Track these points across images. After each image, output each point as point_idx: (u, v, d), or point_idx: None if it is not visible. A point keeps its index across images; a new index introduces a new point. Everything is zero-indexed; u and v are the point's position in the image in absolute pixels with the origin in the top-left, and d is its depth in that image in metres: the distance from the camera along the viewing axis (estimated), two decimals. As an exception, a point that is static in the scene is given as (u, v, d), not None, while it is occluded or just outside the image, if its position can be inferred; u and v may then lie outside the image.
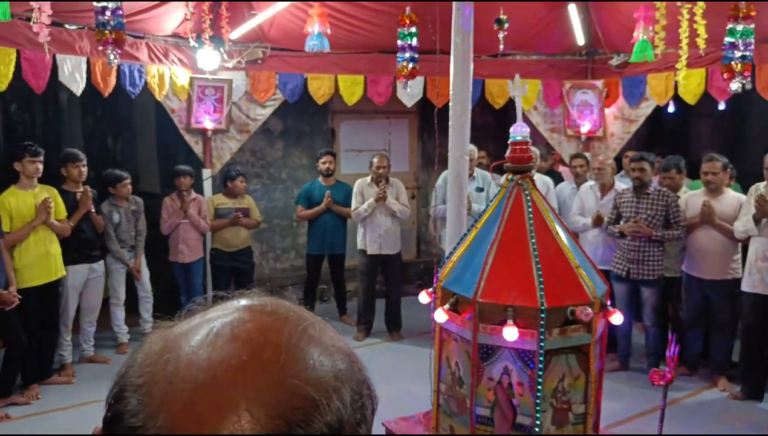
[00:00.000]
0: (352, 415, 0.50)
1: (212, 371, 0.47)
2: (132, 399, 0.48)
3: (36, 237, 4.79)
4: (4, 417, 4.44)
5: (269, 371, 0.48)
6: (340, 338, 0.55)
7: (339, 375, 0.51)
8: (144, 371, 0.50)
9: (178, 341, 0.51)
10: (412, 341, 5.95)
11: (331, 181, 6.33)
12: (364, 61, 6.44)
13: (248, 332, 0.50)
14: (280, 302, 0.55)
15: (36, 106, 9.70)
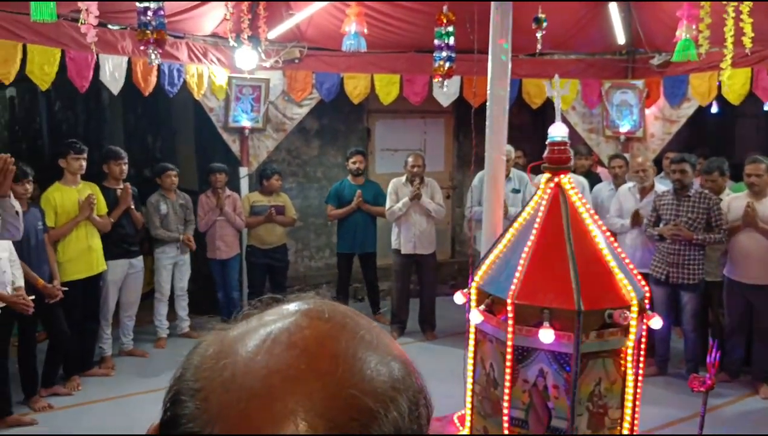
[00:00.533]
0: (408, 426, 0.49)
1: (269, 379, 0.47)
2: (189, 404, 0.48)
3: (78, 232, 4.91)
4: (47, 407, 4.57)
5: (326, 382, 0.47)
6: (396, 344, 0.54)
7: (396, 385, 0.50)
8: (201, 375, 0.50)
9: (234, 345, 0.51)
10: (446, 341, 5.93)
11: (360, 181, 6.36)
12: (401, 61, 6.44)
13: (305, 340, 0.50)
14: (336, 307, 0.54)
15: (79, 105, 9.96)
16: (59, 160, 4.98)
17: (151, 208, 5.66)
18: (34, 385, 4.60)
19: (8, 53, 4.47)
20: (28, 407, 4.50)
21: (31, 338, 4.65)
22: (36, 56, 4.60)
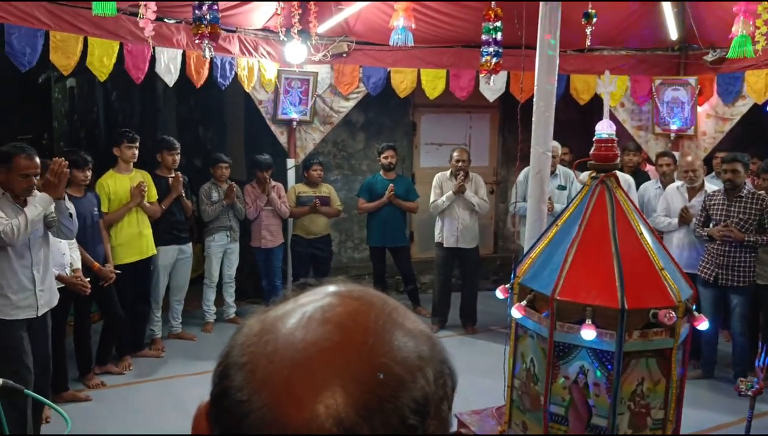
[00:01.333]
0: (435, 392, 0.53)
1: (307, 351, 0.52)
2: (237, 376, 0.53)
3: (130, 218, 5.10)
4: (100, 384, 4.77)
5: (359, 352, 0.52)
6: (420, 321, 0.59)
7: (422, 355, 0.54)
8: (246, 351, 0.54)
9: (275, 324, 0.55)
10: (487, 335, 5.95)
11: (392, 175, 6.40)
12: (447, 55, 6.45)
13: (339, 316, 0.54)
14: (365, 289, 0.59)
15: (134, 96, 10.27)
16: (113, 149, 5.17)
17: (203, 195, 5.83)
18: (88, 363, 4.81)
19: (70, 46, 4.66)
20: (83, 384, 4.72)
21: (86, 318, 4.86)
22: (96, 49, 4.79)
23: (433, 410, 0.53)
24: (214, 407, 0.55)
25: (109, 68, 4.91)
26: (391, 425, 0.50)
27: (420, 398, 0.52)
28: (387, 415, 0.50)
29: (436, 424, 0.53)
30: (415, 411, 0.51)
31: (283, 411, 0.49)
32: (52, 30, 4.57)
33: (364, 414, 0.49)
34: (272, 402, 0.50)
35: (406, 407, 0.51)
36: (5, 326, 3.42)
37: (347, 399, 0.49)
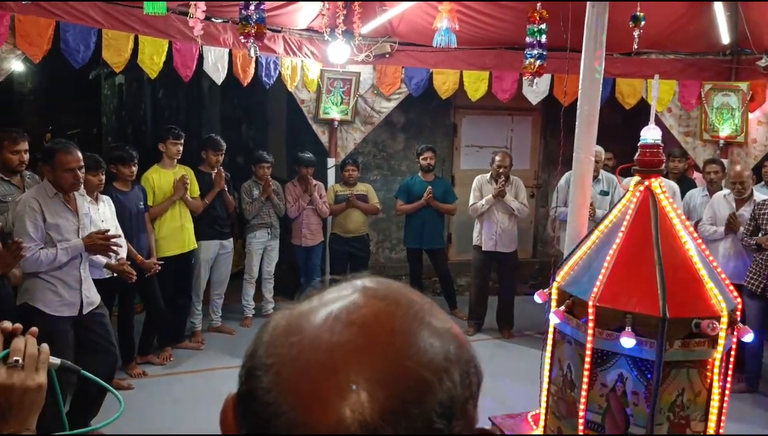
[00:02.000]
0: (461, 393, 0.53)
1: (332, 355, 0.52)
2: (264, 378, 0.53)
3: (173, 212, 5.21)
4: (142, 374, 4.90)
5: (384, 354, 0.52)
6: (448, 318, 0.58)
7: (449, 356, 0.54)
8: (272, 352, 0.55)
9: (300, 323, 0.55)
10: (523, 340, 5.90)
11: (430, 177, 6.39)
12: (490, 57, 6.42)
13: (363, 317, 0.54)
14: (390, 285, 0.59)
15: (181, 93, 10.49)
16: (159, 144, 5.29)
17: (244, 193, 5.93)
18: (131, 353, 4.94)
19: (121, 44, 4.80)
20: (125, 373, 4.85)
21: (130, 309, 5.00)
22: (146, 47, 4.91)
23: (459, 411, 0.53)
24: (241, 406, 0.56)
25: (159, 66, 5.03)
26: (417, 428, 0.50)
27: (446, 401, 0.52)
28: (412, 418, 0.50)
29: (462, 424, 0.53)
30: (441, 414, 0.51)
31: (309, 414, 0.50)
32: (105, 28, 4.71)
33: (389, 418, 0.49)
34: (299, 405, 0.51)
35: (432, 411, 0.51)
36: (53, 322, 3.54)
37: (373, 403, 0.49)
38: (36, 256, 3.46)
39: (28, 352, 1.14)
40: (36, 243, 3.48)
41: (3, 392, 1.10)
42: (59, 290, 3.59)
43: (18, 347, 1.14)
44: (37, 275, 3.55)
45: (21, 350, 1.13)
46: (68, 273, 3.63)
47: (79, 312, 3.70)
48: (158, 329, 5.20)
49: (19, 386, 1.11)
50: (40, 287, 3.56)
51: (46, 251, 3.50)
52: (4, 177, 4.13)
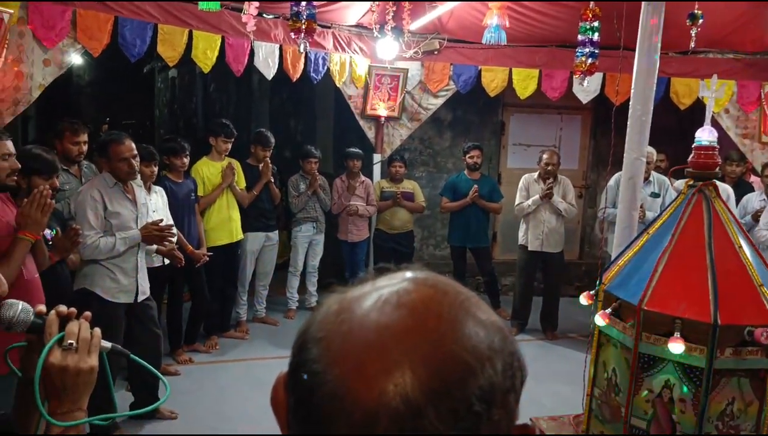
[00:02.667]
0: (502, 383, 0.55)
1: (381, 333, 0.54)
2: (313, 349, 0.56)
3: (220, 202, 5.32)
4: (188, 360, 5.03)
5: (430, 337, 0.53)
6: (493, 313, 0.60)
7: (492, 346, 0.55)
8: (323, 327, 0.57)
9: (351, 304, 0.58)
10: (567, 342, 5.82)
11: (476, 175, 6.33)
12: (540, 55, 6.33)
13: (413, 302, 0.56)
14: (439, 277, 0.61)
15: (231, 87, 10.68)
16: (209, 138, 5.39)
17: (291, 187, 6.01)
18: (178, 340, 5.07)
19: (176, 39, 4.91)
20: (173, 359, 4.98)
21: (179, 298, 5.12)
22: (200, 42, 5.02)
23: (500, 400, 0.54)
24: (291, 377, 0.59)
25: (213, 61, 5.13)
26: (456, 409, 0.51)
27: (486, 386, 0.53)
28: (453, 400, 0.51)
29: (502, 414, 0.54)
30: (481, 398, 0.52)
31: (353, 386, 0.52)
32: (160, 23, 4.83)
33: (430, 396, 0.51)
34: (344, 377, 0.53)
35: (473, 394, 0.52)
36: (110, 307, 3.67)
37: (415, 381, 0.51)
38: (96, 244, 3.58)
39: (82, 336, 1.19)
40: (96, 231, 3.60)
41: (58, 373, 1.16)
42: (117, 276, 3.71)
43: (72, 331, 1.19)
44: (96, 262, 3.68)
45: (75, 334, 1.19)
46: (126, 261, 3.75)
47: (134, 299, 3.81)
48: (205, 318, 5.31)
49: (73, 368, 1.16)
50: (99, 273, 3.69)
51: (105, 239, 3.62)
52: (63, 166, 4.29)
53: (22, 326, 1.21)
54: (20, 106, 4.49)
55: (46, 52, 4.42)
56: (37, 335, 1.22)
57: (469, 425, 0.52)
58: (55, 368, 1.16)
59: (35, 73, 4.41)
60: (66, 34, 4.45)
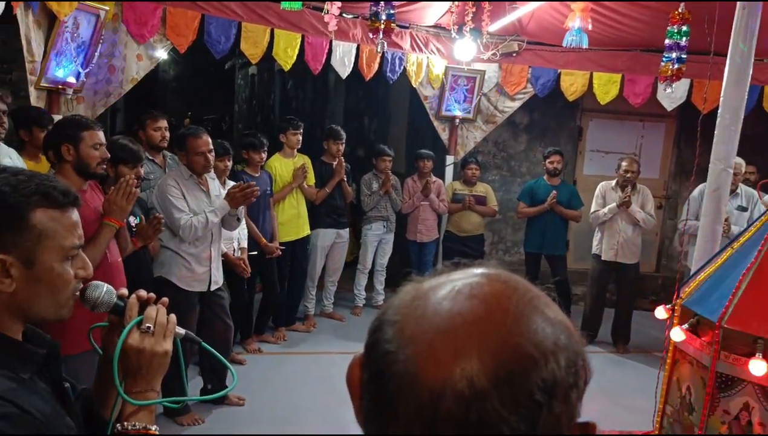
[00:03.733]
0: (565, 378, 0.56)
1: (452, 320, 0.57)
2: (389, 330, 0.60)
3: (291, 199, 5.43)
4: (257, 350, 5.16)
5: (498, 328, 0.56)
6: (562, 313, 0.62)
7: (558, 342, 0.57)
8: (399, 311, 0.61)
9: (426, 293, 0.61)
10: (638, 357, 5.62)
11: (556, 181, 6.16)
12: (623, 59, 6.14)
13: (484, 294, 0.59)
14: (511, 275, 0.64)
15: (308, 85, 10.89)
16: (279, 135, 5.52)
17: (363, 185, 6.07)
18: (249, 330, 5.21)
19: (258, 36, 5.05)
20: (242, 348, 5.12)
21: (251, 288, 5.26)
22: (281, 40, 5.14)
23: (561, 395, 0.56)
24: (366, 355, 0.62)
25: (293, 59, 5.25)
26: (518, 397, 0.54)
27: (549, 379, 0.55)
28: (515, 388, 0.54)
29: (563, 408, 0.56)
30: (543, 390, 0.55)
31: (423, 367, 0.56)
32: (244, 21, 4.98)
33: (495, 383, 0.54)
34: (415, 357, 0.56)
35: (535, 384, 0.54)
36: (184, 295, 3.81)
37: (481, 367, 0.54)
38: (189, 223, 3.73)
39: (159, 320, 1.25)
40: (185, 213, 3.75)
41: (135, 354, 1.22)
42: (192, 266, 3.85)
43: (151, 315, 1.25)
44: (172, 251, 3.82)
45: (153, 318, 1.25)
46: (202, 251, 3.89)
47: (207, 288, 3.95)
48: (274, 310, 5.44)
49: (149, 351, 1.22)
50: (175, 262, 3.84)
51: (197, 218, 3.75)
52: (149, 156, 4.49)
53: (105, 307, 1.27)
54: (111, 98, 4.74)
55: (138, 47, 4.65)
56: (118, 316, 1.28)
57: (529, 413, 0.54)
58: (132, 349, 1.22)
59: (127, 67, 4.64)
60: (156, 31, 4.66)
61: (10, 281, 1.08)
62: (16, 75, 5.90)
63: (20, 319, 1.13)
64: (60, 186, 1.15)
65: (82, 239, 1.18)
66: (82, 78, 4.36)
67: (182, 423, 3.90)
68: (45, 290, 1.12)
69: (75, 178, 2.81)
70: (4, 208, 1.07)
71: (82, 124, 2.85)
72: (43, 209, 1.10)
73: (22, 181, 1.10)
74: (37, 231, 1.09)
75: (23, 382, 1.08)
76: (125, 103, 12.43)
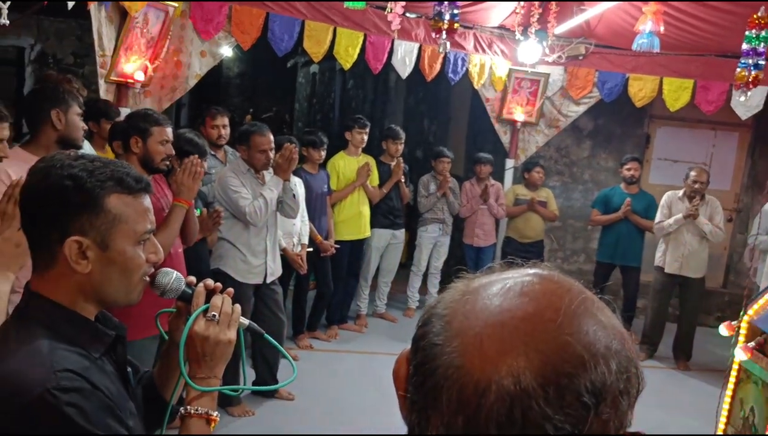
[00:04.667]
0: (615, 383, 0.55)
1: (501, 316, 0.57)
2: (437, 324, 0.60)
3: (352, 198, 5.44)
4: (309, 346, 5.21)
5: (547, 326, 0.56)
6: (616, 319, 0.60)
7: (609, 346, 0.56)
8: (448, 305, 0.61)
9: (477, 289, 0.62)
10: (700, 375, 5.38)
11: (633, 190, 5.93)
12: (696, 64, 5.89)
13: (535, 292, 0.59)
14: (565, 276, 0.63)
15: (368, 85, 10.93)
16: (345, 133, 5.55)
17: (421, 187, 6.04)
18: (301, 326, 5.26)
19: (321, 35, 5.09)
20: (295, 344, 5.17)
21: (305, 286, 5.31)
22: (343, 39, 5.17)
23: (610, 400, 0.55)
24: (413, 347, 0.62)
25: (354, 57, 5.26)
26: (565, 397, 0.53)
27: (598, 383, 0.54)
28: (562, 388, 0.53)
29: (612, 413, 0.55)
30: (591, 392, 0.54)
31: (469, 360, 0.56)
32: (308, 20, 5.03)
33: (541, 381, 0.53)
34: (462, 350, 0.57)
35: (583, 386, 0.54)
36: (240, 287, 3.86)
37: (528, 365, 0.54)
38: (252, 208, 3.79)
39: (224, 309, 1.28)
40: (248, 200, 3.81)
41: (200, 341, 1.25)
42: (248, 258, 3.91)
43: (216, 304, 1.28)
44: (229, 243, 3.89)
45: (218, 307, 1.28)
46: (257, 243, 3.94)
47: (263, 280, 4.00)
48: (326, 308, 5.47)
49: (213, 338, 1.26)
50: (231, 255, 3.91)
51: (257, 201, 3.81)
52: (211, 151, 4.59)
53: (173, 294, 1.31)
54: (177, 93, 4.87)
55: (203, 43, 4.76)
56: (185, 303, 1.33)
57: (575, 414, 0.53)
58: (198, 336, 1.25)
59: (192, 63, 4.76)
60: (221, 28, 4.76)
61: (86, 262, 1.13)
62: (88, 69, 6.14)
63: (94, 301, 1.18)
64: (133, 173, 1.20)
65: (153, 224, 1.22)
66: (150, 72, 4.49)
67: (233, 414, 3.96)
68: (118, 272, 1.16)
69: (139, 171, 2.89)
70: (81, 193, 1.11)
71: (153, 119, 2.93)
72: (118, 195, 1.15)
73: (98, 166, 1.15)
74: (111, 215, 1.14)
75: (94, 361, 1.13)
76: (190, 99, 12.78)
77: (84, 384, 1.05)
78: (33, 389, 1.01)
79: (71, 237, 1.11)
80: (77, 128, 2.77)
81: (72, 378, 1.04)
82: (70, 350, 1.09)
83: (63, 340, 1.10)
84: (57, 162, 1.13)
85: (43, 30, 6.47)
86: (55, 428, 1.01)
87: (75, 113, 2.75)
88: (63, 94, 2.75)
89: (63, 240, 1.11)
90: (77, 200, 1.11)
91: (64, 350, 1.08)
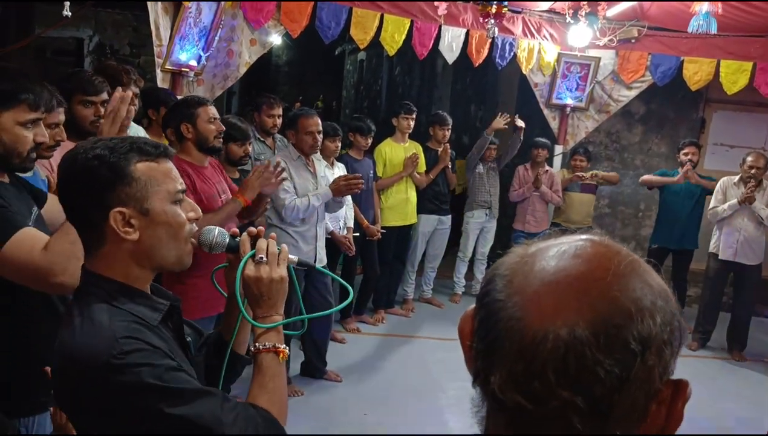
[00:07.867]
0: (660, 334, 0.61)
1: (556, 275, 0.63)
2: (499, 282, 0.67)
3: (399, 184, 5.46)
4: (356, 330, 5.28)
5: (598, 284, 0.62)
6: (662, 281, 0.65)
7: (654, 302, 0.62)
8: (509, 267, 0.68)
9: (534, 252, 0.68)
10: (754, 366, 5.24)
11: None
12: (756, 46, 5.67)
13: (587, 254, 0.65)
14: (614, 242, 0.69)
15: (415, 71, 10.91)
16: (392, 119, 5.56)
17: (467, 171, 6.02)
18: (348, 309, 5.34)
19: (368, 22, 5.11)
20: (342, 327, 5.26)
21: (352, 270, 5.38)
22: (389, 25, 5.17)
23: (655, 349, 0.60)
24: (477, 303, 0.69)
25: (399, 44, 5.26)
26: (614, 344, 0.59)
27: (644, 333, 0.60)
28: (611, 337, 0.59)
29: (656, 361, 0.60)
30: (638, 340, 0.59)
31: (528, 313, 0.62)
32: (355, 7, 5.05)
33: (592, 331, 0.59)
34: (521, 306, 0.63)
35: (630, 335, 0.59)
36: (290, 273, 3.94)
37: (581, 317, 0.59)
38: (293, 204, 3.87)
39: (270, 250, 1.39)
40: (291, 194, 3.89)
41: (254, 282, 1.35)
42: (299, 244, 3.98)
43: (261, 247, 1.38)
44: (280, 229, 3.97)
45: (264, 249, 1.38)
46: (308, 230, 4.01)
47: None
48: (373, 292, 5.53)
49: (266, 278, 1.36)
50: (281, 241, 3.95)
51: (301, 200, 3.89)
52: (260, 138, 4.68)
53: (220, 248, 1.41)
54: (228, 81, 4.97)
55: (253, 32, 4.84)
56: (234, 254, 1.42)
57: (623, 359, 0.59)
58: (251, 279, 1.35)
59: (243, 51, 4.85)
60: (271, 17, 4.83)
61: (133, 229, 1.21)
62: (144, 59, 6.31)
63: (148, 268, 1.26)
64: (150, 141, 1.28)
65: (183, 184, 1.30)
66: (203, 61, 4.60)
67: (282, 394, 4.06)
68: (164, 232, 1.24)
69: (197, 155, 3.00)
70: (108, 168, 1.19)
71: (195, 101, 3.04)
72: (141, 162, 1.23)
73: (117, 142, 1.23)
74: (142, 182, 1.21)
75: (152, 329, 1.20)
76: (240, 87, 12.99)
77: (144, 345, 1.13)
78: (100, 358, 1.09)
79: (113, 210, 1.19)
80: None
81: (132, 342, 1.12)
82: (128, 319, 1.17)
83: (121, 311, 1.18)
84: (80, 148, 1.22)
85: (100, 21, 6.68)
86: (129, 388, 1.09)
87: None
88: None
89: (106, 216, 1.19)
90: (107, 175, 1.19)
91: (122, 320, 1.16)
